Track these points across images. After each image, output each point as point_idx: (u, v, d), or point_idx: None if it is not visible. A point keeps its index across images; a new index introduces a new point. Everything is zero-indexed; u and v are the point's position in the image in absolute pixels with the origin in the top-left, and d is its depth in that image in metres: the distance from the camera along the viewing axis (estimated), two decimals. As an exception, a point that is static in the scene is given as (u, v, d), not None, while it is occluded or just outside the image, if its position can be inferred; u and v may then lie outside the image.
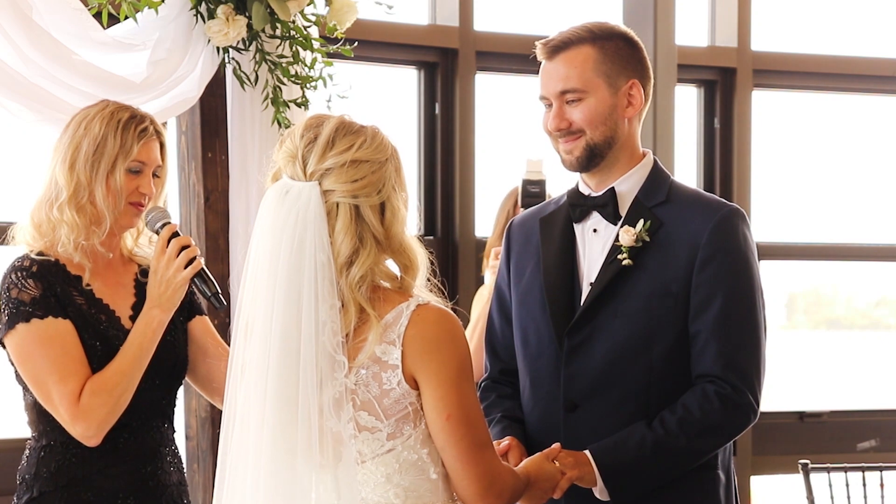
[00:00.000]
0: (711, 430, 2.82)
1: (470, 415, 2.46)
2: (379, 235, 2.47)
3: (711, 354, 2.82)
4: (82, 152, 2.96)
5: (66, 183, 2.95)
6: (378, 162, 2.48)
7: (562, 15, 5.60)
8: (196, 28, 3.79)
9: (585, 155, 2.90)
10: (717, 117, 5.92)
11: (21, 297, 2.90)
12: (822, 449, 5.80)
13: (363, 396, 2.45)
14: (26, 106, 3.51)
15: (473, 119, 5.41)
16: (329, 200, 2.45)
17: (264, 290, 2.44)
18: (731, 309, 2.83)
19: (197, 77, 3.82)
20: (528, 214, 3.10)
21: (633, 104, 2.92)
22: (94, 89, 3.58)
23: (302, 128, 2.51)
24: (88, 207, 2.96)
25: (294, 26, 3.91)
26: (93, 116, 3.00)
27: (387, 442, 2.46)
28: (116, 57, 3.68)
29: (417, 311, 2.45)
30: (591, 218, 2.95)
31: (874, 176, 6.24)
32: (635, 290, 2.85)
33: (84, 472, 2.95)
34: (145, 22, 3.73)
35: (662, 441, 2.80)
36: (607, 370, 2.85)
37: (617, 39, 2.92)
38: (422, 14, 5.45)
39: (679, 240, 2.86)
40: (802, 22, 6.15)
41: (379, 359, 2.44)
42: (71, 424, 2.89)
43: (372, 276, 2.46)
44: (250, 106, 3.91)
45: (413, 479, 2.48)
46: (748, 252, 2.88)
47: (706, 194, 3.00)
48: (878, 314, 6.52)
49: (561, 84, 2.90)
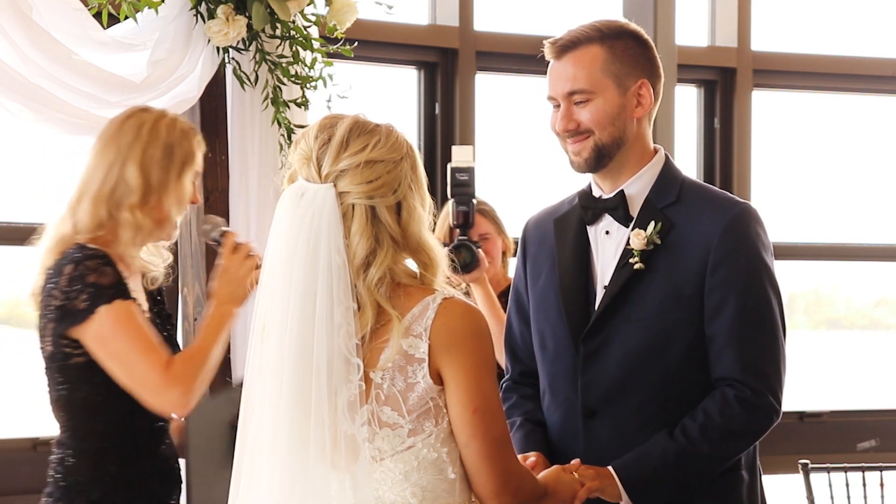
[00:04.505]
0: (734, 435, 2.81)
1: (494, 410, 2.45)
2: (396, 235, 2.45)
3: (729, 357, 2.80)
4: (153, 156, 3.07)
5: (137, 185, 3.05)
6: (393, 161, 2.47)
7: (562, 15, 5.60)
8: (196, 28, 3.79)
9: (594, 156, 2.87)
10: (717, 117, 5.92)
11: (101, 280, 2.96)
12: (822, 449, 5.79)
13: (388, 391, 2.43)
14: (26, 106, 3.51)
15: (473, 119, 5.41)
16: (345, 202, 2.44)
17: (280, 292, 2.43)
18: (746, 311, 2.80)
19: (197, 77, 3.82)
20: (542, 214, 3.07)
21: (642, 104, 2.89)
22: (94, 89, 3.58)
23: (316, 129, 2.50)
24: (154, 211, 3.07)
25: (294, 26, 3.91)
26: (154, 122, 3.10)
27: (407, 438, 2.44)
28: (116, 57, 3.68)
29: (444, 304, 2.44)
30: (602, 220, 2.92)
31: (874, 176, 6.24)
32: (648, 294, 2.82)
33: (139, 474, 3.01)
34: (145, 22, 3.73)
35: (686, 450, 2.78)
36: (624, 376, 2.83)
37: (626, 38, 2.89)
38: (422, 14, 5.45)
39: (691, 242, 2.82)
40: (802, 22, 6.15)
41: (405, 352, 2.42)
42: (163, 390, 2.93)
43: (391, 276, 2.45)
44: (250, 106, 3.91)
45: (431, 477, 2.46)
46: (761, 250, 2.85)
47: (718, 192, 2.96)
48: (878, 314, 6.52)
49: (569, 84, 2.86)
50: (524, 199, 5.33)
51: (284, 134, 3.87)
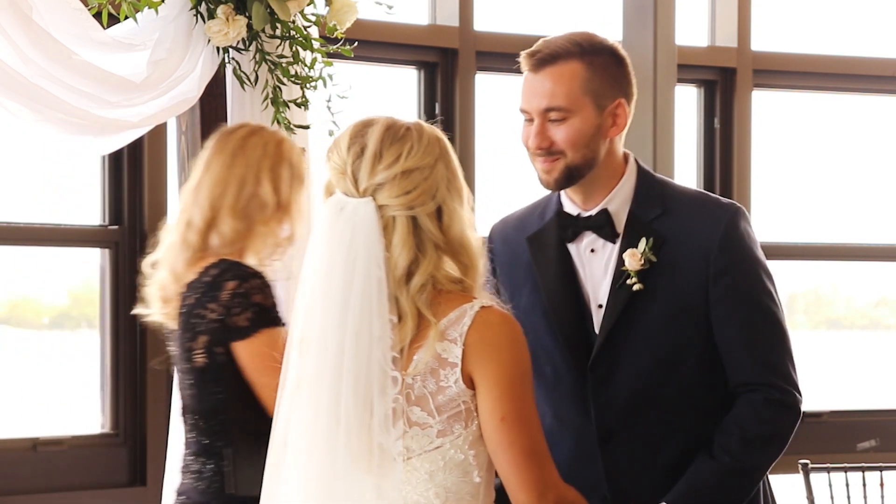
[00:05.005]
0: (774, 439, 2.80)
1: (525, 420, 2.43)
2: (438, 241, 2.46)
3: (749, 362, 2.78)
4: (281, 174, 3.18)
5: (271, 200, 3.15)
6: (428, 167, 2.47)
7: (562, 15, 5.60)
8: (196, 28, 3.79)
9: (563, 177, 2.81)
10: (717, 117, 5.92)
11: (266, 303, 3.05)
12: (822, 449, 5.79)
13: (419, 392, 2.44)
14: (26, 106, 3.51)
15: (473, 119, 5.41)
16: (385, 215, 2.44)
17: (320, 305, 2.44)
18: (756, 313, 2.79)
19: (197, 77, 3.82)
20: (507, 228, 3.01)
21: (617, 124, 2.82)
22: (94, 89, 3.58)
23: (347, 139, 2.49)
24: (281, 226, 3.19)
25: (294, 26, 3.91)
26: (278, 143, 3.23)
27: (436, 439, 2.44)
28: (116, 57, 3.68)
29: (481, 312, 2.44)
30: (584, 237, 2.86)
31: (874, 176, 6.24)
32: (651, 313, 2.78)
33: None
34: (145, 22, 3.73)
35: (732, 467, 2.76)
36: (638, 397, 2.80)
37: (605, 54, 2.81)
38: (422, 14, 5.45)
39: (687, 254, 2.79)
40: (802, 22, 6.15)
41: (439, 356, 2.43)
42: None
43: (433, 282, 2.45)
44: (250, 106, 3.91)
45: (456, 479, 2.46)
46: (756, 250, 2.83)
47: (702, 196, 2.93)
48: (878, 314, 6.51)
49: (546, 101, 2.78)
50: (524, 199, 5.32)
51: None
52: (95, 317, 4.89)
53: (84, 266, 4.97)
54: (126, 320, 4.79)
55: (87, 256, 4.91)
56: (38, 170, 4.80)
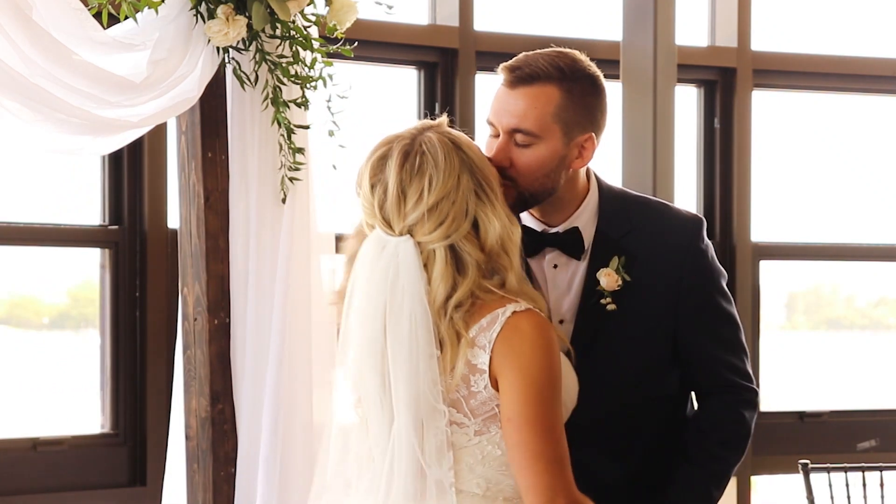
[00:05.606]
0: (745, 437, 2.87)
1: (538, 424, 2.45)
2: (479, 260, 2.49)
3: (719, 368, 2.85)
4: None
5: None
6: (453, 190, 2.50)
7: (562, 15, 5.60)
8: (196, 28, 3.79)
9: (517, 203, 2.74)
10: (717, 117, 5.92)
11: None
12: (822, 449, 5.79)
13: (453, 396, 2.48)
14: (26, 106, 3.50)
15: (473, 119, 5.41)
16: (425, 249, 2.48)
17: (365, 342, 2.50)
18: (722, 322, 2.86)
19: (197, 77, 3.81)
20: None
21: (583, 157, 2.77)
22: (94, 89, 3.57)
23: (368, 176, 2.54)
24: None
25: (294, 26, 3.90)
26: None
27: (474, 437, 2.50)
28: (116, 57, 3.68)
29: (512, 317, 2.47)
30: (548, 253, 2.83)
31: (874, 176, 6.24)
32: (622, 332, 2.80)
33: None
34: (145, 22, 3.72)
35: (718, 470, 2.84)
36: (609, 413, 2.80)
37: (584, 83, 2.74)
38: (422, 14, 5.45)
39: (657, 272, 2.80)
40: (802, 22, 6.15)
41: (469, 362, 2.47)
42: None
43: (472, 297, 2.48)
44: (250, 106, 3.90)
45: (494, 472, 2.51)
46: (715, 260, 2.88)
47: (664, 208, 2.91)
48: (878, 314, 6.51)
49: (515, 121, 2.73)
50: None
51: (284, 134, 3.86)
52: (95, 317, 4.90)
53: (84, 266, 4.97)
54: (126, 320, 4.79)
55: (87, 256, 4.91)
56: (38, 170, 4.80)
